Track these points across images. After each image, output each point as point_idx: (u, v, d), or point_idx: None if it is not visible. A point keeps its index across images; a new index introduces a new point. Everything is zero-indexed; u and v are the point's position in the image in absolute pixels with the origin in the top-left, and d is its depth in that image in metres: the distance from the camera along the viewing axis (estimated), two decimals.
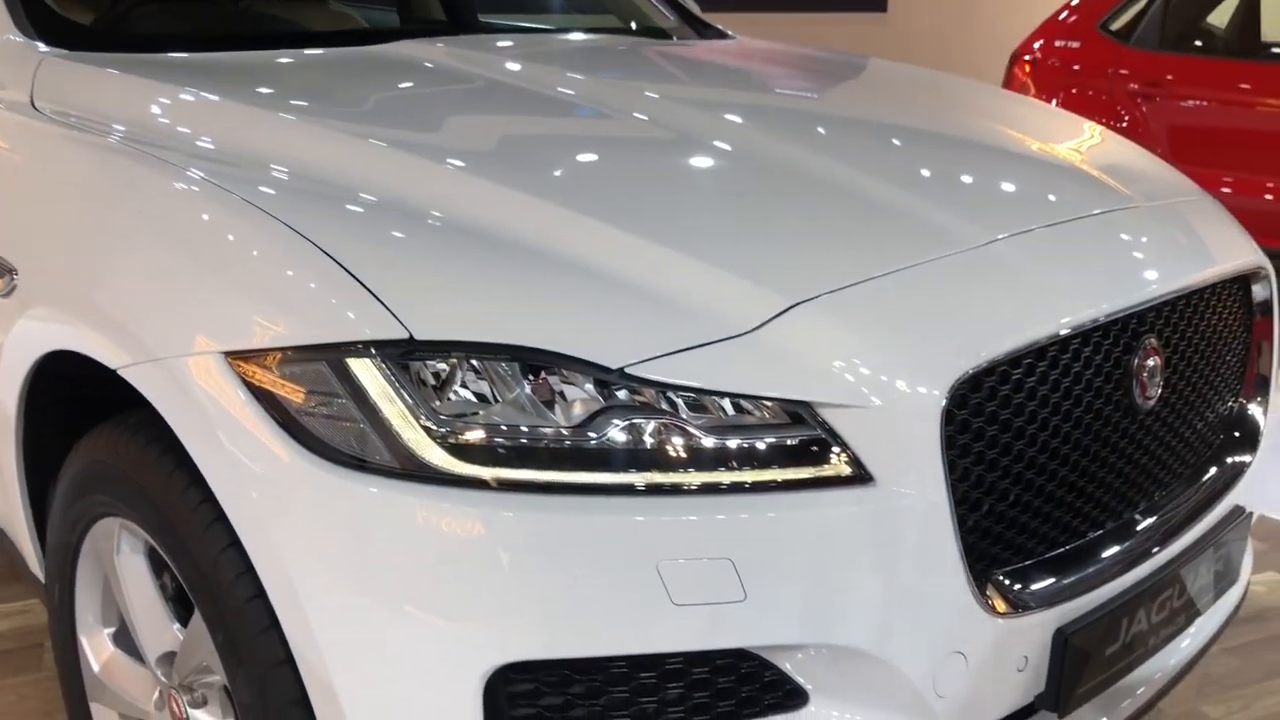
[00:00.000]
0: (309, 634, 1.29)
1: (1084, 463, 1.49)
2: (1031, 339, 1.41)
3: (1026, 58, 5.67)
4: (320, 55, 2.23)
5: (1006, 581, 1.40)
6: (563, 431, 1.26)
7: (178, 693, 1.59)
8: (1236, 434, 1.83)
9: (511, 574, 1.23)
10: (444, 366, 1.28)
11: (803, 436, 1.28)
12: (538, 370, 1.27)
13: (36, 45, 1.98)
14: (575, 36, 2.79)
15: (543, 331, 1.28)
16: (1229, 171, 4.99)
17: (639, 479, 1.25)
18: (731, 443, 1.27)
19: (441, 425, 1.26)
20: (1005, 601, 1.38)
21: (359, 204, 1.49)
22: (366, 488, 1.25)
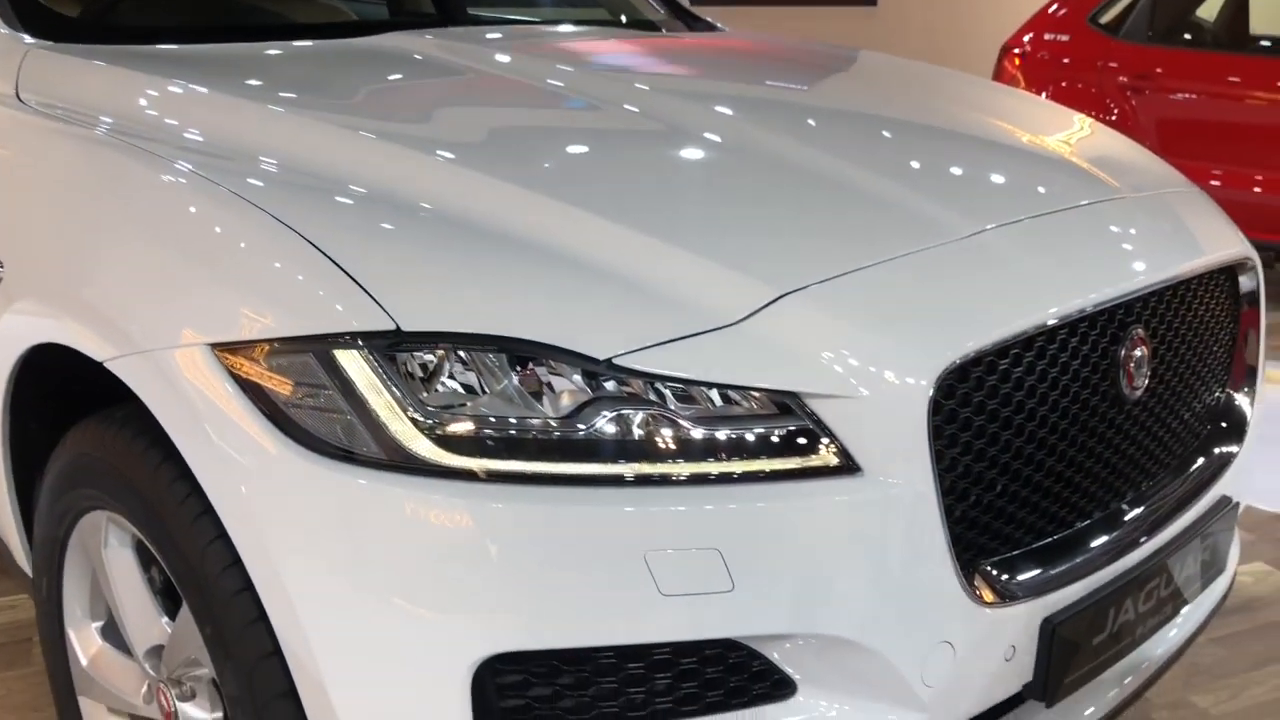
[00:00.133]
0: (297, 626, 1.28)
1: (1071, 453, 1.50)
2: (1019, 329, 1.41)
3: (1016, 51, 5.68)
4: (309, 47, 2.23)
5: (994, 571, 1.41)
6: (551, 423, 1.26)
7: (166, 686, 1.59)
8: (1224, 424, 1.84)
9: (499, 565, 1.23)
10: (431, 358, 1.27)
11: (791, 427, 1.28)
12: (525, 361, 1.27)
13: (22, 37, 1.97)
14: (565, 28, 2.78)
15: (530, 323, 1.28)
16: (1218, 164, 5.01)
17: (627, 470, 1.25)
18: (720, 433, 1.27)
19: (429, 417, 1.25)
20: (993, 591, 1.39)
21: (346, 196, 1.49)
22: (354, 479, 1.25)
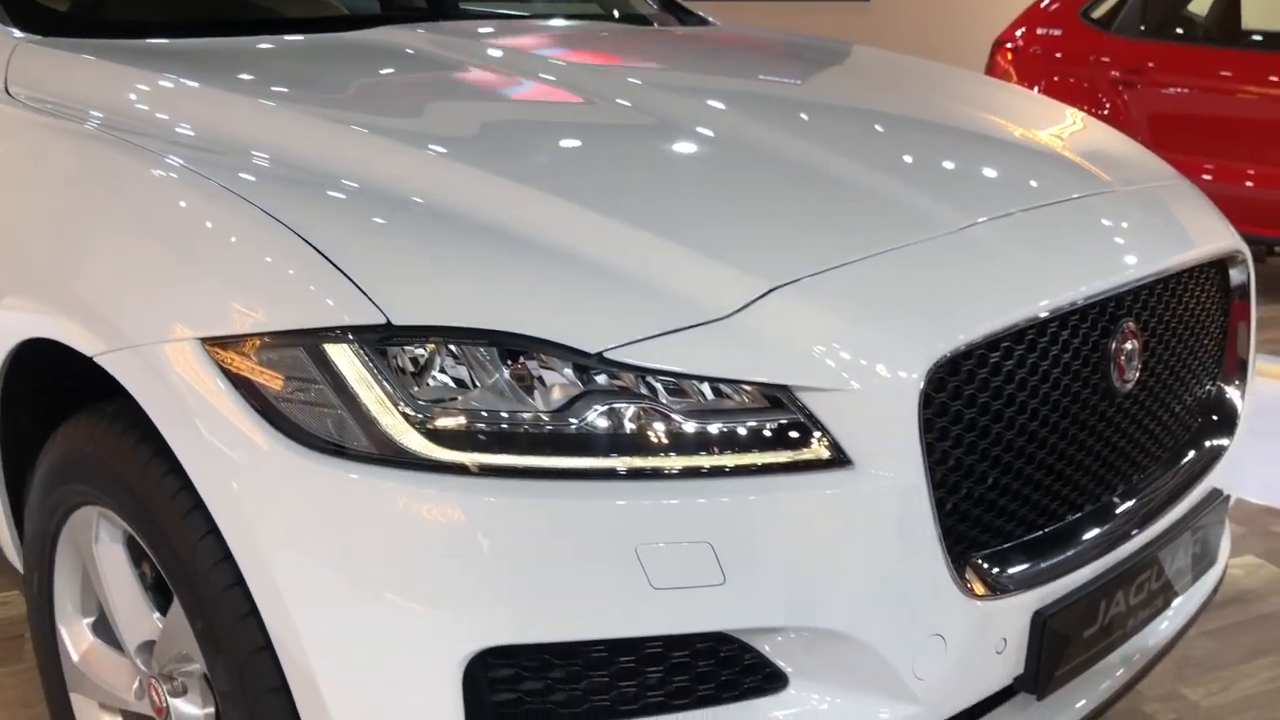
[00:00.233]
0: (288, 621, 1.28)
1: (1062, 446, 1.50)
2: (1009, 322, 1.41)
3: (1008, 45, 5.68)
4: (300, 41, 2.22)
5: (985, 564, 1.41)
6: (542, 416, 1.26)
7: (157, 681, 1.58)
8: (1215, 417, 1.85)
9: (491, 559, 1.23)
10: (422, 352, 1.27)
11: (782, 420, 1.28)
12: (516, 355, 1.27)
13: (10, 31, 1.96)
14: (557, 22, 2.78)
15: (521, 316, 1.28)
16: (1210, 159, 5.02)
17: (619, 463, 1.25)
18: (711, 427, 1.27)
19: (420, 411, 1.25)
20: (984, 584, 1.39)
21: (337, 190, 1.49)
22: (346, 474, 1.25)
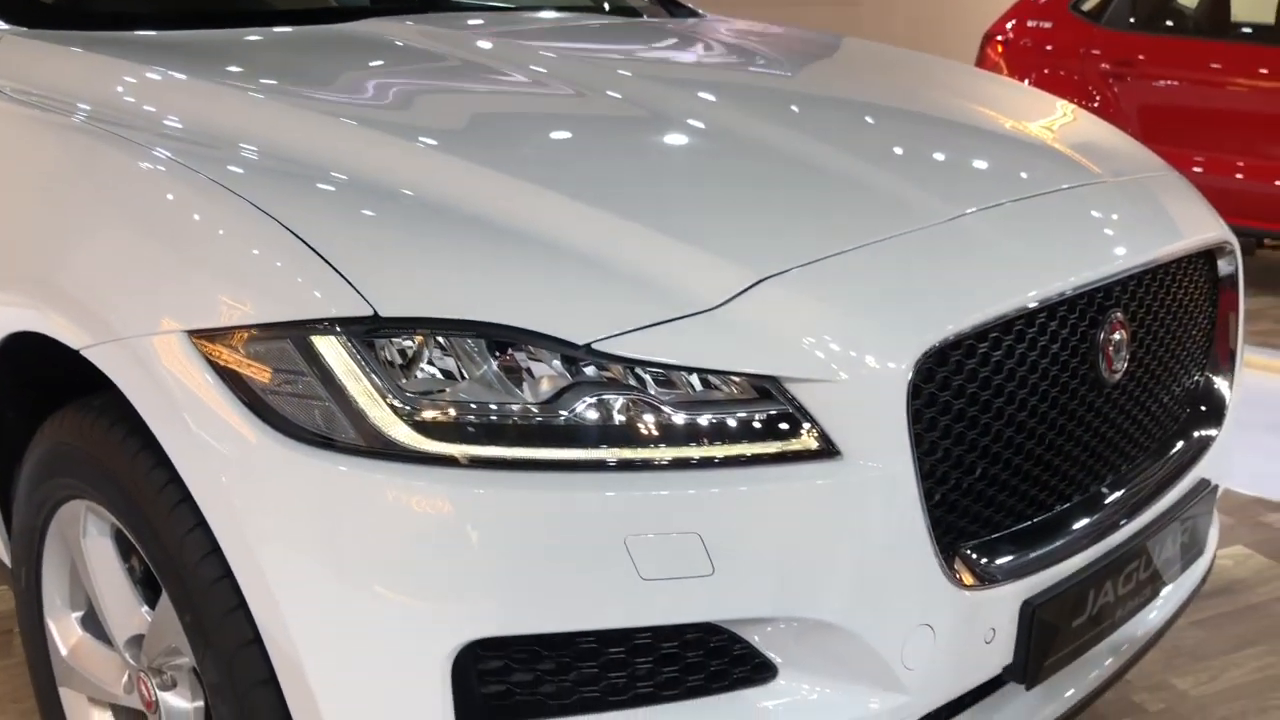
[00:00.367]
0: (277, 614, 1.28)
1: (1050, 436, 1.50)
2: (998, 313, 1.41)
3: (999, 38, 5.69)
4: (288, 33, 2.21)
5: (974, 555, 1.41)
6: (531, 408, 1.26)
7: (147, 675, 1.58)
8: (1203, 408, 1.85)
9: (480, 550, 1.23)
10: (410, 344, 1.27)
11: (771, 411, 1.28)
12: (504, 347, 1.27)
13: None
14: (547, 14, 2.77)
15: (509, 308, 1.28)
16: (1200, 150, 5.03)
17: (608, 454, 1.25)
18: (700, 418, 1.27)
19: (408, 403, 1.25)
20: (972, 574, 1.39)
21: (325, 182, 1.48)
22: (334, 466, 1.25)
